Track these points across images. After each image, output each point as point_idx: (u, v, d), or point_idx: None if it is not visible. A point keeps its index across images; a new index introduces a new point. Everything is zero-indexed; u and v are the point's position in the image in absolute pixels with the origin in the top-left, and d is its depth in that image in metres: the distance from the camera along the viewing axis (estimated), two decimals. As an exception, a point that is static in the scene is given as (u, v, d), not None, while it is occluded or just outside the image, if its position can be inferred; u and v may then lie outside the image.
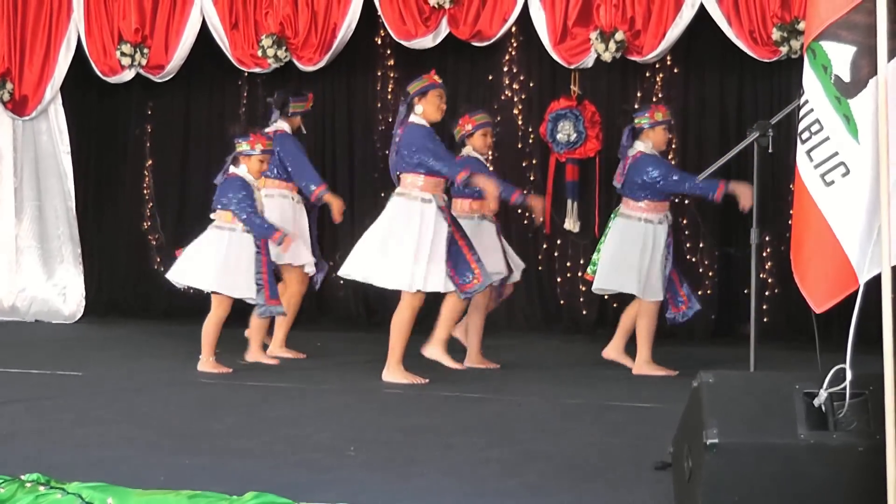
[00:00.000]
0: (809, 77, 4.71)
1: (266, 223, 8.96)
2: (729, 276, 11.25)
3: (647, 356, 9.03)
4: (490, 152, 10.03)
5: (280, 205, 9.80)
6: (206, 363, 9.02)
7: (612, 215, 9.29)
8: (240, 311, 9.39)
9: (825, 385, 4.65)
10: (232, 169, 9.10)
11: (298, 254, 9.70)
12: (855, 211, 4.60)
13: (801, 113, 4.74)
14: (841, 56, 4.61)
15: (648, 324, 9.04)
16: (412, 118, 8.62)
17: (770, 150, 6.36)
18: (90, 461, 5.82)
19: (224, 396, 8.01)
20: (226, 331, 9.16)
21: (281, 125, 10.00)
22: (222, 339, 9.17)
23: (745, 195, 8.47)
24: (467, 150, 9.39)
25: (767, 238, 10.79)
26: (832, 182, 4.66)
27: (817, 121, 4.68)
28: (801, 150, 4.74)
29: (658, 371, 9.01)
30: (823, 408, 4.65)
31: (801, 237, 4.78)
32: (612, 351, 9.38)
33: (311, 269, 9.92)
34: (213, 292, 9.06)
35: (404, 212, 8.50)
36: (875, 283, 4.61)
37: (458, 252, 8.48)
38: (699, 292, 11.20)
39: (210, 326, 9.03)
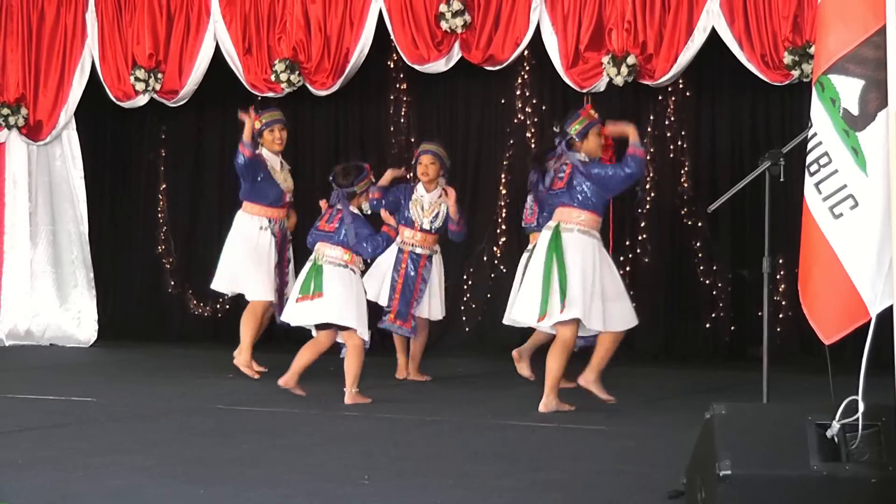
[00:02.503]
0: (818, 110, 4.74)
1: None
2: (742, 299, 11.24)
3: None
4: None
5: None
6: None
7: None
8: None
9: (837, 416, 4.66)
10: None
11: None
12: (864, 243, 4.63)
13: (810, 146, 4.77)
14: (849, 89, 4.64)
15: None
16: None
17: (781, 179, 6.38)
18: (105, 491, 5.83)
19: (238, 423, 8.03)
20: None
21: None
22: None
23: None
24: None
25: (781, 261, 10.79)
26: (841, 214, 4.69)
27: (826, 153, 4.72)
28: (809, 182, 4.77)
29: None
30: (836, 439, 4.66)
31: (810, 269, 4.81)
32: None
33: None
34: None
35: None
36: (887, 308, 4.63)
37: None
38: (713, 314, 11.22)
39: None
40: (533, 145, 11.91)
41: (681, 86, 11.30)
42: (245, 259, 10.19)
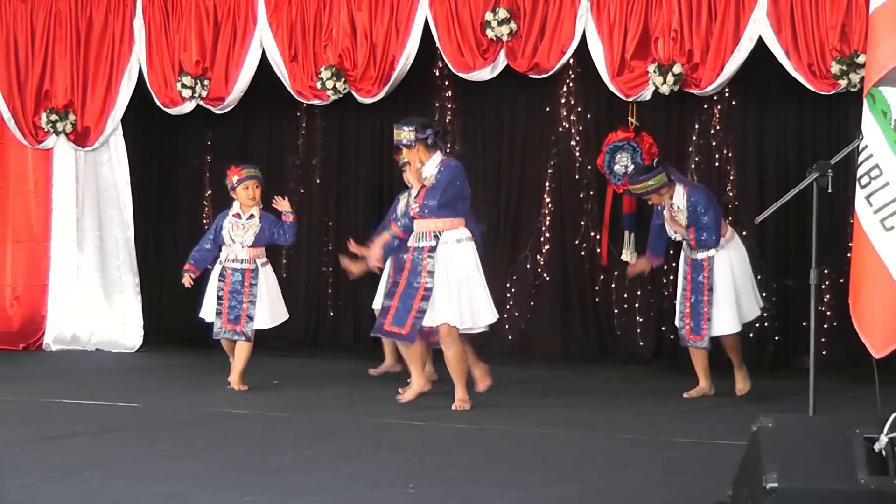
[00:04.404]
0: (869, 122, 4.71)
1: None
2: (787, 308, 11.20)
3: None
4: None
5: None
6: None
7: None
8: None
9: (886, 430, 4.64)
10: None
11: None
12: (916, 257, 4.60)
13: (860, 158, 4.75)
14: (901, 102, 4.61)
15: None
16: None
17: (830, 191, 6.35)
18: (151, 497, 5.87)
19: (283, 430, 8.05)
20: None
21: None
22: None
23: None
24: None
25: (826, 271, 10.74)
26: (892, 227, 4.66)
27: (877, 166, 4.69)
28: (860, 195, 4.74)
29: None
30: (884, 453, 4.63)
31: (860, 282, 4.78)
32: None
33: None
34: None
35: None
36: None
37: None
38: (757, 324, 11.16)
39: None
40: (577, 153, 11.91)
41: (727, 95, 11.27)
42: None
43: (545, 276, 12.03)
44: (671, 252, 10.51)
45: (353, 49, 11.57)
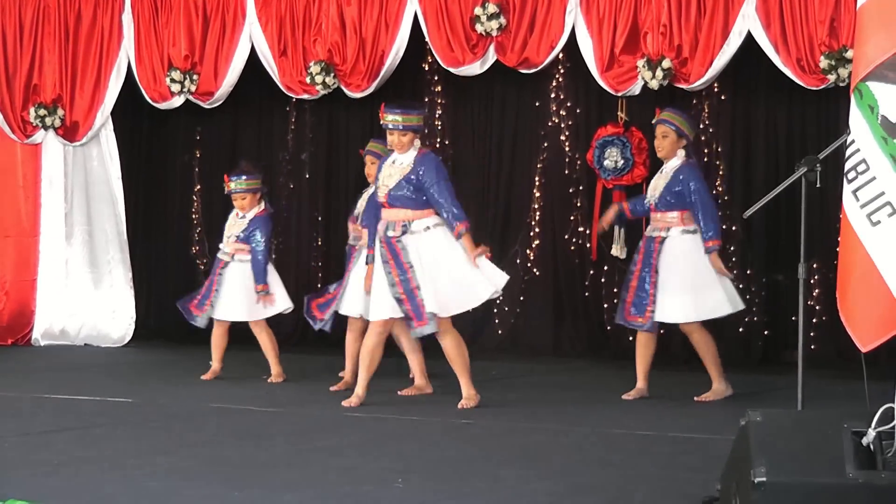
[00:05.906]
0: (856, 117, 4.72)
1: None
2: (776, 303, 11.21)
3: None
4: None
5: None
6: None
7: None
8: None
9: (874, 424, 4.65)
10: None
11: None
12: (902, 251, 4.61)
13: (847, 153, 4.76)
14: (888, 96, 4.62)
15: None
16: None
17: (818, 185, 6.36)
18: (141, 492, 5.86)
19: (273, 425, 8.06)
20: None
21: None
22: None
23: None
24: None
25: (815, 266, 10.75)
26: (878, 222, 4.67)
27: (864, 161, 4.70)
28: (847, 189, 4.75)
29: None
30: (872, 447, 4.65)
31: (847, 276, 4.79)
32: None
33: None
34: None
35: None
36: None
37: None
38: (746, 319, 11.17)
39: None
40: (567, 148, 11.91)
41: (716, 89, 11.28)
42: None
43: (535, 271, 12.04)
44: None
45: (343, 44, 11.57)
